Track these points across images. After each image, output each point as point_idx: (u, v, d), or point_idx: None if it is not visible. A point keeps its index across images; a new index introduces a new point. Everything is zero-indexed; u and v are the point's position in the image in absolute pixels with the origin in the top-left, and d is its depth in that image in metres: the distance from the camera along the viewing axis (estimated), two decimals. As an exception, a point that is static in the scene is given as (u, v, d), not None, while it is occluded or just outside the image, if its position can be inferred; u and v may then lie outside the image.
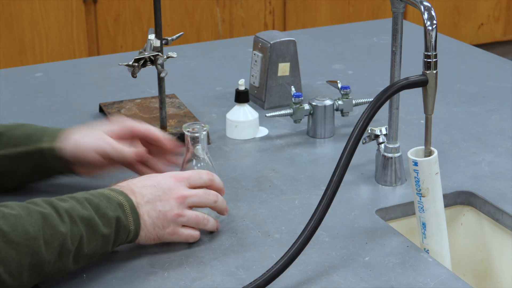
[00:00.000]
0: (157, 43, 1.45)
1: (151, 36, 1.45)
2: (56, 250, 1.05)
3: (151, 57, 1.44)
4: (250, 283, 1.07)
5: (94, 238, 1.10)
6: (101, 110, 1.67)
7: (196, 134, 1.25)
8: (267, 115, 1.55)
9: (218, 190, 1.22)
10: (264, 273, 1.08)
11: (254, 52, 1.70)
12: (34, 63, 3.32)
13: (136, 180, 1.19)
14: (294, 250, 1.10)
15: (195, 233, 1.19)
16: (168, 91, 1.78)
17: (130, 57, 2.12)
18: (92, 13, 3.41)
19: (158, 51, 1.45)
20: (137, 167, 1.35)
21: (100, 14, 3.42)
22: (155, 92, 1.77)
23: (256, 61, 1.69)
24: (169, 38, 1.47)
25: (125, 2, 3.45)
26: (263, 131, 1.58)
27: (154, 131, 1.35)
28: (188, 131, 1.26)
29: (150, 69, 1.93)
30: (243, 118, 1.55)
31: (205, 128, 1.26)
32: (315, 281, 1.12)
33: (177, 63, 1.96)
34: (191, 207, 1.19)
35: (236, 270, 1.14)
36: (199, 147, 1.26)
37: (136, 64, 1.43)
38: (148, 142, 1.36)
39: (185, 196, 1.18)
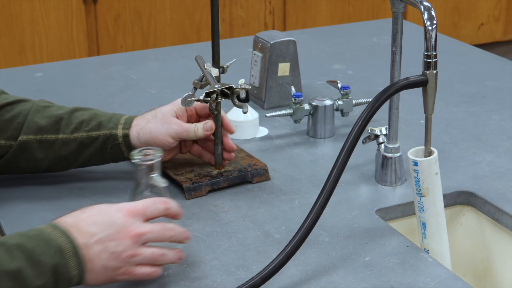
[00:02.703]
0: (215, 72, 1.33)
1: (207, 65, 1.33)
2: None
3: (225, 90, 1.31)
4: (246, 281, 1.07)
5: None
6: None
7: (151, 162, 1.12)
8: (267, 115, 1.55)
9: (175, 216, 1.11)
10: (261, 271, 1.08)
11: (254, 52, 1.70)
12: (34, 63, 3.32)
13: (85, 215, 1.06)
14: (291, 248, 1.09)
15: (151, 270, 1.08)
16: (168, 91, 1.78)
17: (131, 57, 2.14)
18: (92, 13, 3.41)
19: (218, 81, 1.33)
20: (198, 150, 1.37)
21: (100, 14, 3.42)
22: (155, 92, 1.77)
23: (256, 61, 1.69)
24: (225, 66, 1.35)
25: (125, 2, 3.45)
26: (263, 131, 1.58)
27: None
28: (139, 159, 1.11)
29: (150, 70, 1.94)
30: (243, 118, 1.55)
31: (159, 154, 1.13)
32: (315, 281, 1.12)
33: (177, 63, 1.96)
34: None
35: (236, 270, 1.14)
36: (155, 175, 1.13)
37: (209, 98, 1.30)
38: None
39: (141, 233, 1.06)
